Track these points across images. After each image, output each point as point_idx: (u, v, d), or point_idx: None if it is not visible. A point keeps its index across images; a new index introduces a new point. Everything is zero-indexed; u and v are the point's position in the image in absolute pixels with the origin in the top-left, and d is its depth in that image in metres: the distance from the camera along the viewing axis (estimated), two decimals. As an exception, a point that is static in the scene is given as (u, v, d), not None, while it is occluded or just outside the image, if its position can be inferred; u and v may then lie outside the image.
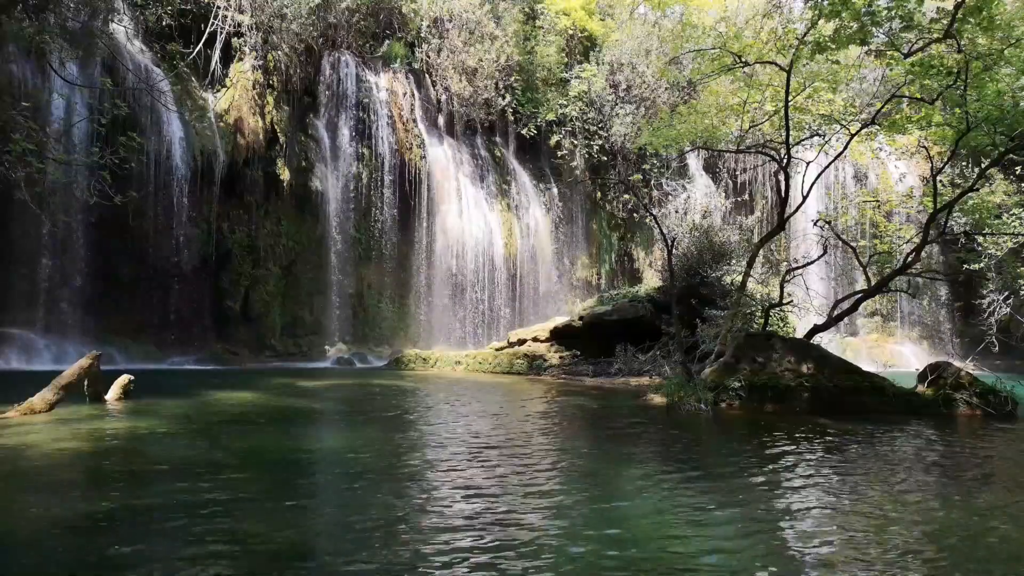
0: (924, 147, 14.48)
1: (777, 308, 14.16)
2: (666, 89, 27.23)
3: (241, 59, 21.01)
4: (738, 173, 29.25)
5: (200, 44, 19.98)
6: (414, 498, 4.78)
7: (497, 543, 3.80)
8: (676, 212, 21.35)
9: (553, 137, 27.18)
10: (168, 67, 19.21)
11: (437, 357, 18.87)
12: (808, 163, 13.71)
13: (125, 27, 18.96)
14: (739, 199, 27.32)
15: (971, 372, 10.85)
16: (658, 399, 10.68)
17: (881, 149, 16.21)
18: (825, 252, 14.27)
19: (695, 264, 17.11)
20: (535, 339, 18.60)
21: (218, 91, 20.67)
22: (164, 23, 19.82)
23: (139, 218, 17.67)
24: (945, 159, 13.60)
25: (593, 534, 4.04)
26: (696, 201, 24.65)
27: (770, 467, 6.13)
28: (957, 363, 11.80)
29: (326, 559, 3.59)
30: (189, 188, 18.94)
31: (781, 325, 16.19)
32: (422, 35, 25.21)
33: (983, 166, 12.36)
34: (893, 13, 10.56)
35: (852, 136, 12.93)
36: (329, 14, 22.96)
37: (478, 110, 25.45)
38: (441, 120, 25.62)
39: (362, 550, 3.70)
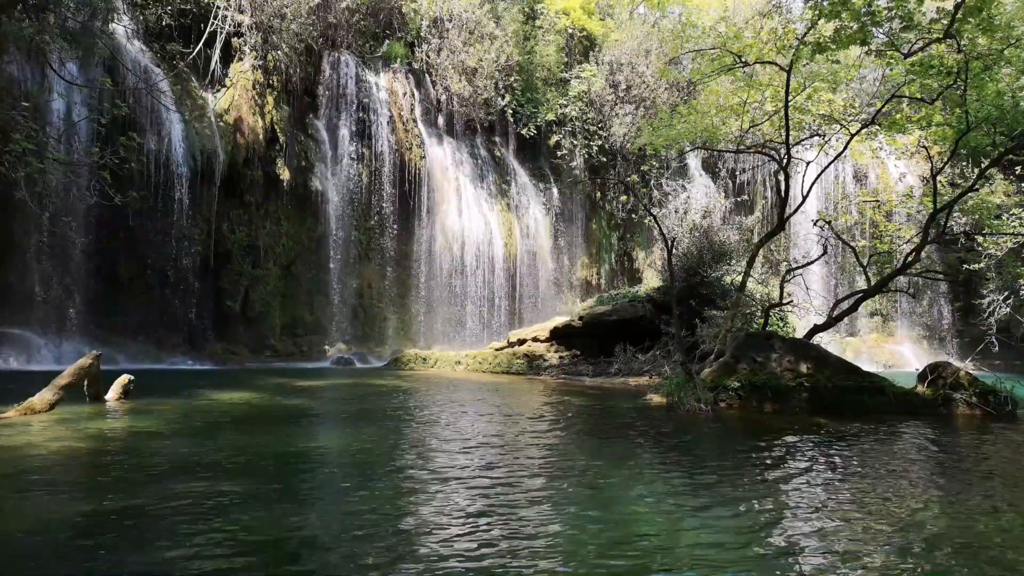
0: (924, 147, 14.48)
1: (777, 308, 14.16)
2: (666, 89, 27.24)
3: (241, 59, 21.02)
4: (738, 173, 29.26)
5: (200, 44, 19.98)
6: (413, 498, 4.78)
7: (496, 541, 3.80)
8: (676, 212, 21.34)
9: (553, 137, 27.19)
10: (168, 67, 19.22)
11: (437, 357, 18.87)
12: (808, 163, 13.71)
13: (125, 27, 18.96)
14: (739, 199, 27.32)
15: (971, 372, 10.84)
16: (658, 399, 10.68)
17: (881, 149, 16.24)
18: (825, 252, 14.28)
19: (695, 264, 17.10)
20: (535, 339, 18.60)
21: (218, 91, 20.68)
22: (164, 23, 19.83)
23: (139, 218, 17.68)
24: (945, 159, 13.60)
25: (592, 533, 4.04)
26: (696, 201, 24.63)
27: (769, 467, 6.13)
28: (957, 363, 11.80)
29: (326, 559, 3.59)
30: (189, 188, 18.95)
31: (781, 325, 16.19)
32: (422, 35, 25.22)
33: (983, 166, 12.37)
34: (893, 13, 10.57)
35: (852, 136, 12.93)
36: (329, 14, 22.97)
37: (478, 110, 25.47)
38: (441, 120, 25.63)
39: (362, 550, 3.70)
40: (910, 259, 12.68)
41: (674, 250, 14.19)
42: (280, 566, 3.46)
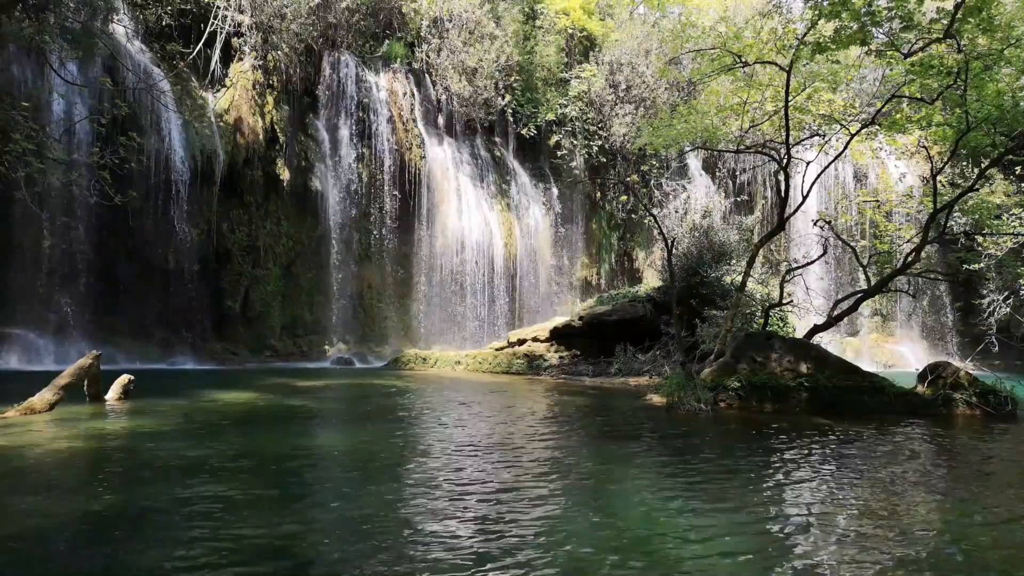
0: (924, 147, 14.48)
1: (777, 308, 14.16)
2: (666, 89, 27.24)
3: (241, 59, 21.02)
4: (738, 173, 29.26)
5: (200, 44, 19.99)
6: (413, 498, 4.78)
7: (496, 543, 3.80)
8: (676, 212, 21.34)
9: (553, 137, 27.18)
10: (168, 67, 19.22)
11: (437, 357, 18.87)
12: (808, 163, 13.71)
13: (125, 27, 18.98)
14: (739, 199, 27.32)
15: (971, 372, 10.83)
16: (657, 399, 10.68)
17: (881, 149, 16.22)
18: (825, 252, 14.26)
19: (695, 264, 17.10)
20: (535, 339, 18.60)
21: (218, 91, 20.68)
22: (164, 23, 19.84)
23: (139, 218, 17.69)
24: (945, 159, 13.59)
25: (591, 534, 4.04)
26: (696, 201, 24.64)
27: (768, 467, 6.13)
28: (957, 363, 11.79)
29: (325, 559, 3.59)
30: (189, 188, 18.95)
31: (781, 325, 16.19)
32: (422, 35, 25.22)
33: (983, 166, 12.36)
34: (893, 13, 10.57)
35: (852, 136, 12.93)
36: (329, 14, 22.98)
37: (478, 110, 25.47)
38: (441, 120, 25.63)
39: (362, 550, 3.70)
40: (910, 259, 12.68)
41: (674, 250, 14.20)
42: (280, 568, 3.46)
